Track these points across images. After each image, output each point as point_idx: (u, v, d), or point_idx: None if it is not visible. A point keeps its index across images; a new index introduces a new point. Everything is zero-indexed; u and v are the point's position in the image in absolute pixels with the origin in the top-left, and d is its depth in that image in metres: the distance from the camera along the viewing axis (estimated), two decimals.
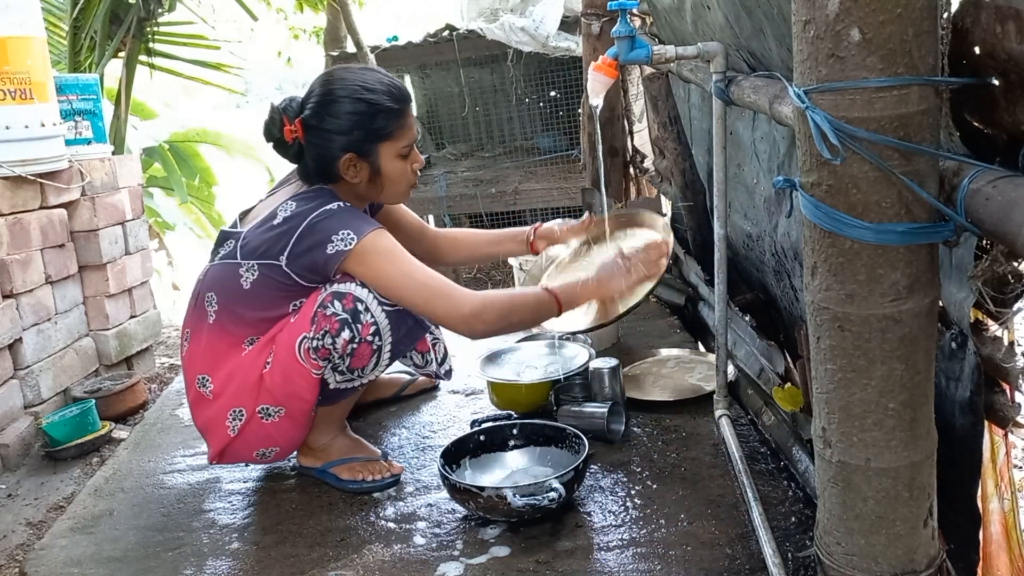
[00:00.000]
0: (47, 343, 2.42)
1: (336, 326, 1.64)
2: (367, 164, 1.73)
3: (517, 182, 5.31)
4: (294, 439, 1.81)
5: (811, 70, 0.93)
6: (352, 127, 1.68)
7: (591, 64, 1.74)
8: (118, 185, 2.77)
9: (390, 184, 1.77)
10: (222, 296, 1.74)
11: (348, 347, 1.66)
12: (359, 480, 1.82)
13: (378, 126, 1.70)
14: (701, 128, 2.56)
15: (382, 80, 1.73)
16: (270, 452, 1.80)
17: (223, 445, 1.76)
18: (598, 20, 3.34)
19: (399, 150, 1.74)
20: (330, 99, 1.69)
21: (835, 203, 0.95)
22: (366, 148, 1.71)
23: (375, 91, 1.69)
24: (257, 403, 1.72)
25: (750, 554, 1.46)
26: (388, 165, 1.74)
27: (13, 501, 2.03)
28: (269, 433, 1.75)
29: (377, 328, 1.68)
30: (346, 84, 1.70)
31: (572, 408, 1.99)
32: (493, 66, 5.69)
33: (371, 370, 1.74)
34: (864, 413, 1.01)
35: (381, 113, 1.69)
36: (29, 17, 2.37)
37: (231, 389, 1.73)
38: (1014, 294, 1.03)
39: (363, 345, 1.67)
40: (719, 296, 1.90)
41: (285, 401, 1.72)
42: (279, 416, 1.73)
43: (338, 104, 1.68)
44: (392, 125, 1.71)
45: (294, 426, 1.76)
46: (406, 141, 1.74)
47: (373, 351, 1.69)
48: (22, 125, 2.30)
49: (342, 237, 1.63)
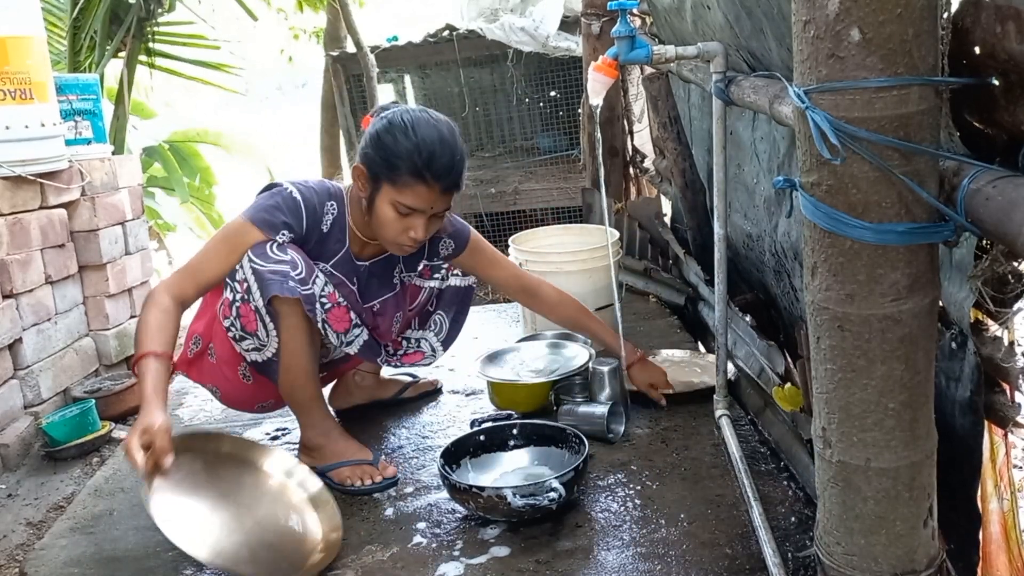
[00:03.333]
0: (47, 343, 2.42)
1: (224, 286, 1.78)
2: (368, 188, 1.76)
3: (517, 182, 5.31)
4: (231, 392, 1.94)
5: (811, 70, 0.93)
6: (374, 147, 1.73)
7: (591, 64, 1.74)
8: (118, 185, 2.77)
9: (377, 223, 1.78)
10: None
11: (232, 308, 1.77)
12: (349, 486, 1.82)
13: (390, 164, 1.70)
14: (701, 128, 2.56)
15: (429, 138, 1.69)
16: (215, 391, 1.96)
17: (181, 359, 1.94)
18: (598, 20, 3.34)
19: (395, 200, 1.72)
20: (390, 118, 1.74)
21: (835, 203, 0.95)
22: (374, 174, 1.74)
23: (411, 139, 1.68)
24: (210, 340, 1.89)
25: (750, 554, 1.46)
26: (381, 206, 1.74)
27: (13, 501, 2.02)
28: (212, 372, 1.92)
29: (248, 286, 1.73)
30: (405, 118, 1.72)
31: (572, 408, 1.99)
32: (493, 66, 5.69)
33: (267, 336, 1.78)
34: (864, 413, 1.01)
35: (397, 158, 1.69)
36: (29, 17, 2.37)
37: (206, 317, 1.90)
38: (1014, 294, 1.03)
39: (243, 305, 1.75)
40: (719, 296, 1.90)
41: (217, 346, 1.88)
42: (215, 359, 1.90)
43: (388, 124, 1.72)
44: (400, 177, 1.69)
45: (226, 376, 1.90)
46: (406, 201, 1.71)
47: (253, 311, 1.75)
48: (22, 125, 2.30)
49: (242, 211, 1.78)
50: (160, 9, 3.86)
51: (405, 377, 2.36)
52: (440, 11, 7.69)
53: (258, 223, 1.74)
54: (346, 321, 1.80)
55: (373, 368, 2.25)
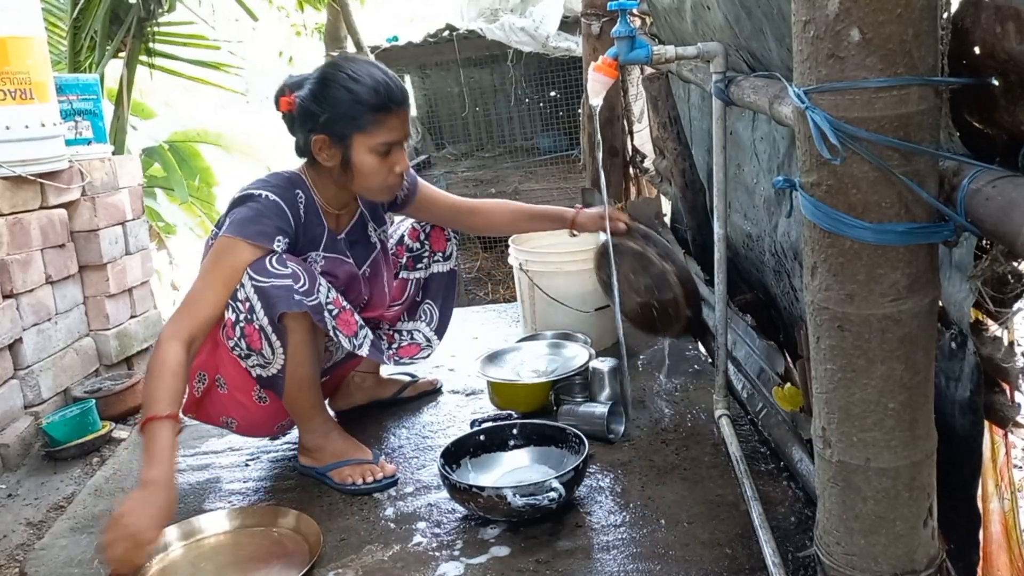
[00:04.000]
0: (47, 343, 2.42)
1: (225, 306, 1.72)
2: (338, 151, 1.74)
3: (517, 182, 5.31)
4: (247, 417, 1.87)
5: (811, 70, 0.93)
6: (328, 110, 1.71)
7: (591, 64, 1.74)
8: (118, 185, 2.77)
9: (360, 178, 1.77)
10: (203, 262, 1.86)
11: (236, 328, 1.72)
12: (350, 484, 1.82)
13: (352, 115, 1.70)
14: (701, 128, 2.56)
15: (374, 75, 1.72)
16: (231, 423, 1.89)
17: (190, 401, 1.87)
18: (598, 20, 3.34)
19: (373, 146, 1.73)
20: (320, 81, 1.73)
21: (835, 203, 0.95)
22: (338, 135, 1.72)
23: (361, 82, 1.70)
24: (216, 372, 1.83)
25: (750, 554, 1.46)
26: (360, 158, 1.74)
27: (13, 501, 2.03)
28: (224, 403, 1.85)
29: (251, 305, 1.69)
30: (339, 71, 1.72)
31: (572, 408, 2.00)
32: (493, 66, 5.69)
33: (272, 354, 1.73)
34: (864, 413, 1.01)
35: (360, 104, 1.70)
36: (29, 17, 2.37)
37: (205, 348, 1.83)
38: (1014, 294, 1.03)
39: (247, 325, 1.71)
40: (719, 296, 1.90)
41: (227, 374, 1.82)
42: (227, 388, 1.84)
43: (324, 86, 1.72)
44: (368, 119, 1.71)
45: (241, 403, 1.84)
46: (382, 139, 1.73)
47: (258, 330, 1.71)
48: (22, 125, 2.30)
49: (223, 228, 1.73)
50: (160, 9, 3.86)
51: (404, 377, 2.36)
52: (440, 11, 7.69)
53: (251, 237, 1.69)
54: (353, 324, 1.80)
55: (372, 368, 2.25)
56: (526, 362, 2.24)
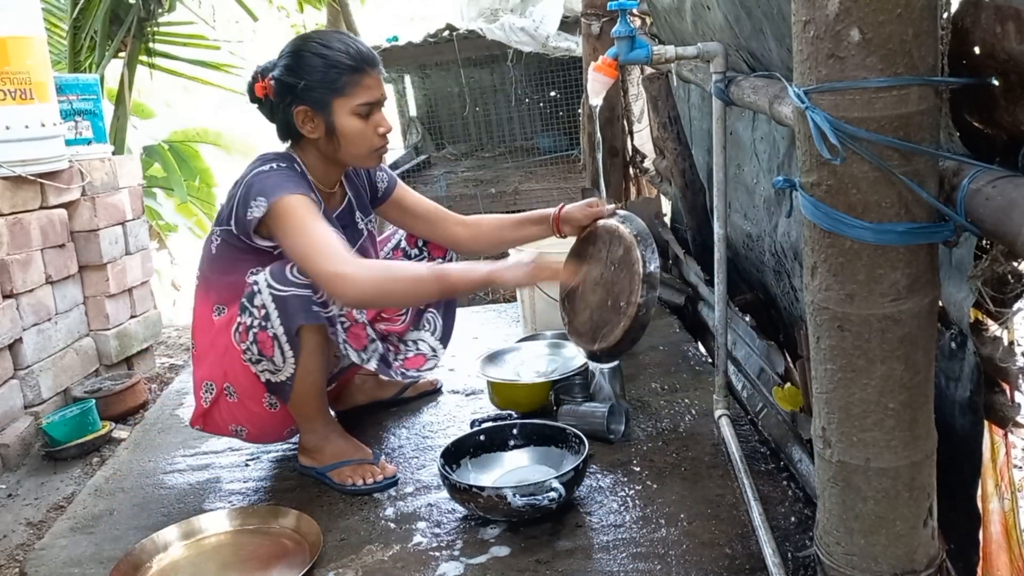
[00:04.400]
0: (47, 343, 2.42)
1: (239, 310, 1.72)
2: (321, 119, 1.75)
3: (517, 182, 5.31)
4: (258, 424, 1.85)
5: (811, 70, 0.93)
6: (306, 79, 1.72)
7: (591, 64, 1.74)
8: (118, 185, 2.77)
9: (347, 143, 1.77)
10: (201, 264, 1.87)
11: (249, 333, 1.71)
12: (350, 485, 1.82)
13: (330, 79, 1.72)
14: (701, 128, 2.56)
15: (344, 40, 1.77)
16: (241, 431, 1.87)
17: (199, 413, 1.87)
18: (598, 20, 3.34)
19: (354, 108, 1.74)
20: (292, 54, 1.75)
21: (835, 203, 0.95)
22: (318, 102, 1.74)
23: (332, 48, 1.73)
24: (224, 380, 1.82)
25: (750, 554, 1.46)
26: (343, 122, 1.75)
27: (13, 501, 2.03)
28: (234, 411, 1.84)
29: (267, 312, 1.69)
30: (310, 42, 1.76)
31: (572, 408, 1.99)
32: (493, 66, 5.69)
33: (283, 361, 1.72)
34: (864, 413, 1.01)
35: (335, 68, 1.72)
36: (29, 17, 2.37)
37: (204, 359, 1.84)
38: (1014, 294, 1.03)
39: (261, 332, 1.70)
40: (719, 296, 1.90)
41: (237, 382, 1.80)
42: (237, 397, 1.82)
43: (298, 59, 1.74)
44: (345, 80, 1.73)
45: (252, 411, 1.83)
46: (362, 99, 1.75)
47: (271, 338, 1.70)
48: (22, 125, 2.30)
49: (258, 203, 1.68)
50: (160, 9, 3.86)
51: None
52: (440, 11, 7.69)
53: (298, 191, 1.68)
54: (364, 338, 1.81)
55: None
56: (526, 362, 2.24)
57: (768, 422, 1.89)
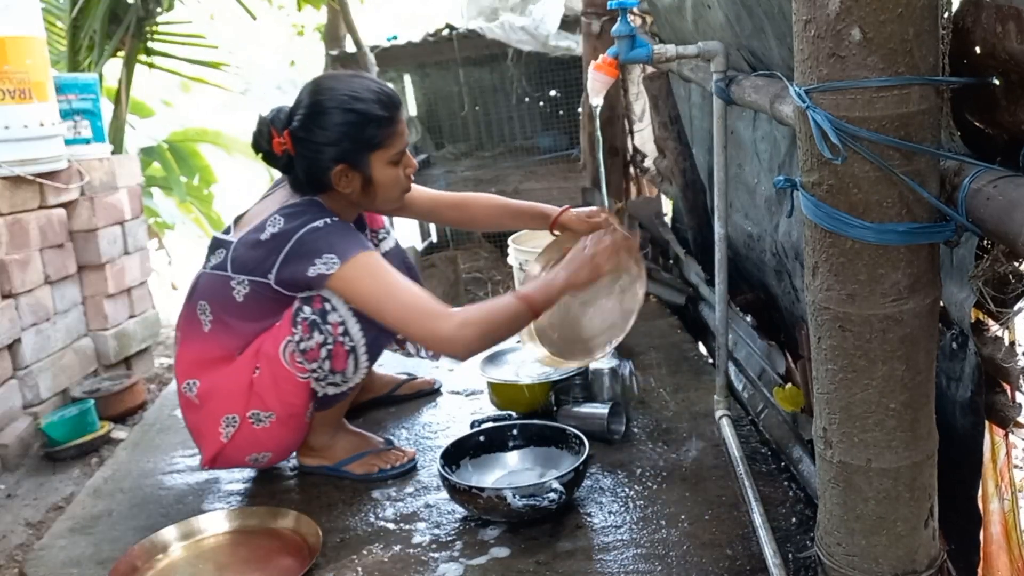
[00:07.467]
0: (46, 343, 2.41)
1: (307, 330, 1.66)
2: (359, 174, 1.70)
3: (517, 182, 5.30)
4: (286, 444, 1.81)
5: (812, 69, 0.93)
6: (342, 138, 1.66)
7: (591, 63, 1.74)
8: (117, 185, 2.76)
9: (383, 191, 1.75)
10: (216, 307, 1.73)
11: (322, 350, 1.67)
12: (375, 472, 1.83)
13: (369, 136, 1.67)
14: (702, 127, 2.55)
15: (370, 88, 1.69)
16: (262, 457, 1.80)
17: (216, 451, 1.76)
18: (598, 19, 3.34)
19: (391, 157, 1.72)
20: (318, 110, 1.66)
21: (836, 203, 0.95)
22: (357, 158, 1.68)
23: (364, 100, 1.66)
24: (248, 408, 1.73)
25: (751, 555, 1.46)
26: (380, 173, 1.72)
27: (12, 501, 2.02)
28: (260, 438, 1.75)
29: (345, 328, 1.67)
30: (335, 94, 1.67)
31: (572, 408, 1.99)
32: (493, 66, 5.68)
33: (354, 372, 1.73)
34: (865, 413, 1.01)
35: (372, 123, 1.66)
36: (29, 17, 2.37)
37: (220, 395, 1.73)
38: (1015, 294, 1.03)
39: (336, 346, 1.68)
40: (719, 296, 1.89)
41: (275, 406, 1.72)
42: (270, 421, 1.74)
43: (327, 115, 1.65)
44: (383, 134, 1.68)
45: (286, 431, 1.77)
46: (398, 148, 1.72)
47: (347, 351, 1.69)
48: (21, 125, 2.30)
49: (325, 260, 1.61)
50: (159, 9, 3.86)
51: (401, 375, 2.35)
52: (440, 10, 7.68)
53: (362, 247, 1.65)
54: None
55: None
56: (526, 362, 2.23)
57: (769, 422, 1.89)
